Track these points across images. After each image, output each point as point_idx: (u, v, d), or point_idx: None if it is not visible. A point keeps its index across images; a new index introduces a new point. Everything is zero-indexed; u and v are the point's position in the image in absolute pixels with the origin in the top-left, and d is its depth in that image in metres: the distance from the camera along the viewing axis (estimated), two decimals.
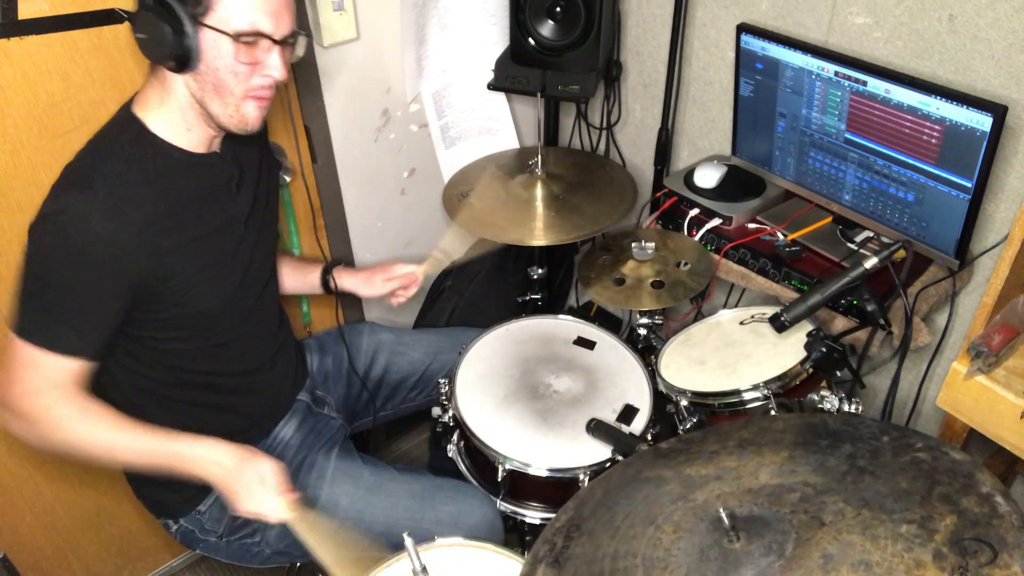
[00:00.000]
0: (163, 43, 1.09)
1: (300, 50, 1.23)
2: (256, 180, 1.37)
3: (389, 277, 1.61)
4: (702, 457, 0.99)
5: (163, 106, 1.19)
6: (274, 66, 1.16)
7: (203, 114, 1.20)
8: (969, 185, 1.32)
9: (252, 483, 1.23)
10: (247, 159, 1.35)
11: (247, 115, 1.20)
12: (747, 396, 1.37)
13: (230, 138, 1.29)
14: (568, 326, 1.66)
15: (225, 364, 1.37)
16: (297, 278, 1.63)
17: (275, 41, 1.15)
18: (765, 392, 1.36)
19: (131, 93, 1.23)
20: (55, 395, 1.17)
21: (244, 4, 1.10)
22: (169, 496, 1.40)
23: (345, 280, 1.62)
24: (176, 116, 1.20)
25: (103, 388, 1.25)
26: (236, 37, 1.11)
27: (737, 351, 1.51)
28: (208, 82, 1.15)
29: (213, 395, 1.39)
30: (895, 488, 0.83)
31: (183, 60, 1.11)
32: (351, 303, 2.06)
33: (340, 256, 1.98)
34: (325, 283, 1.62)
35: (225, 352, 1.36)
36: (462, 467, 1.50)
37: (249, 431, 1.45)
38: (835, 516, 0.82)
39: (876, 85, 1.39)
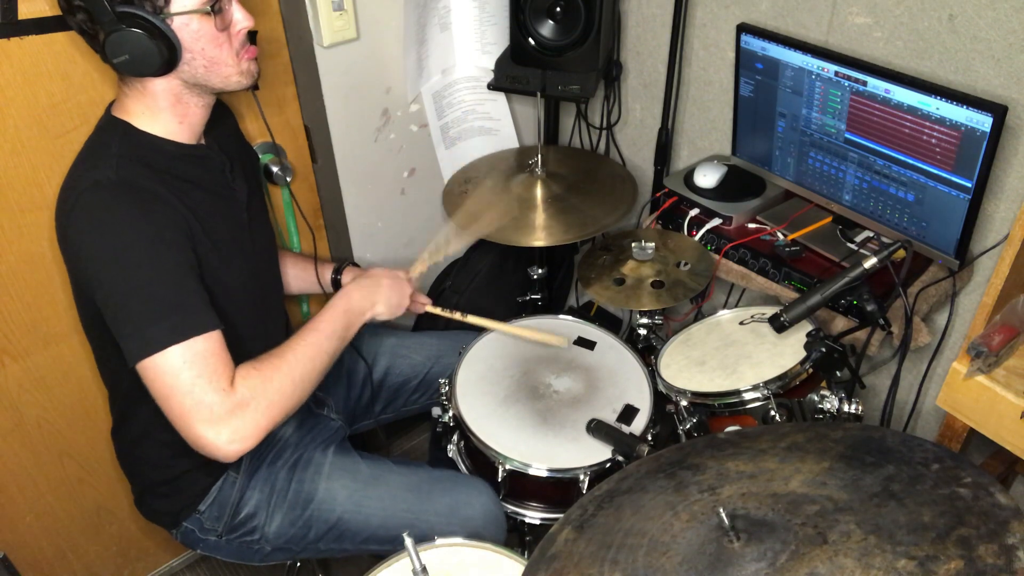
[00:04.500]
0: (147, 54, 1.08)
1: None
2: (243, 168, 1.38)
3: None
4: (749, 453, 0.98)
5: (148, 110, 1.19)
6: (241, 18, 1.17)
7: (200, 95, 1.20)
8: (969, 185, 1.32)
9: (386, 299, 1.43)
10: (229, 148, 1.36)
11: (250, 70, 1.22)
12: (747, 396, 1.37)
13: (209, 131, 1.29)
14: (568, 326, 1.66)
15: (243, 361, 1.38)
16: (303, 278, 1.63)
17: None
18: (765, 392, 1.36)
19: None
20: (225, 377, 1.14)
21: None
22: (168, 504, 1.40)
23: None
24: (165, 115, 1.19)
25: (115, 375, 1.24)
26: (211, 8, 1.10)
27: (737, 351, 1.51)
28: (199, 65, 1.14)
29: None
30: (914, 520, 0.79)
31: (171, 60, 1.11)
32: None
33: (340, 256, 1.98)
34: (336, 283, 1.62)
35: (244, 349, 1.36)
36: (462, 467, 1.50)
37: None
38: (840, 536, 0.80)
39: (876, 85, 1.39)
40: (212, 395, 1.11)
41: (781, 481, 0.91)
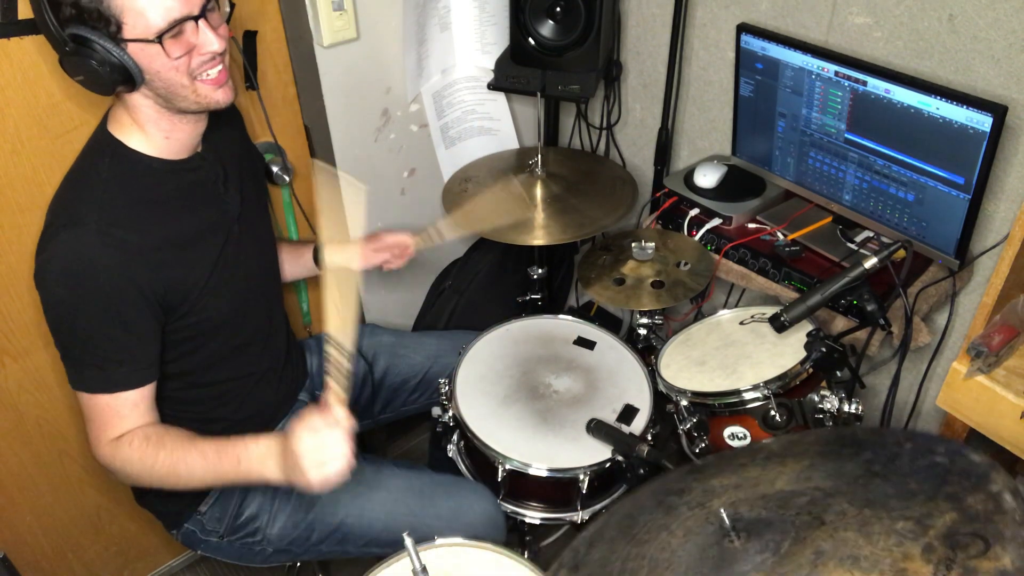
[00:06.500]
0: (100, 76, 1.07)
1: (226, 5, 1.19)
2: (240, 177, 1.37)
3: (379, 247, 1.59)
4: (730, 469, 1.00)
5: (135, 124, 1.18)
6: (207, 41, 1.12)
7: (176, 113, 1.18)
8: (969, 185, 1.32)
9: (308, 463, 1.12)
10: (228, 157, 1.35)
11: (208, 95, 1.17)
12: (747, 396, 1.37)
13: (209, 138, 1.28)
14: (568, 326, 1.66)
15: (242, 367, 1.38)
16: (294, 263, 1.63)
17: (196, 17, 1.10)
18: (765, 392, 1.36)
19: None
20: (141, 427, 1.20)
21: (148, 3, 1.05)
22: (169, 505, 1.40)
23: (335, 255, 1.60)
24: (151, 129, 1.19)
25: None
26: (159, 39, 1.07)
27: (737, 351, 1.51)
28: (160, 87, 1.13)
29: (223, 405, 1.39)
30: (903, 489, 0.82)
31: (128, 81, 1.10)
32: None
33: None
34: (317, 260, 1.62)
35: (243, 354, 1.36)
36: (462, 467, 1.50)
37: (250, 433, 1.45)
38: (836, 516, 0.82)
39: (876, 85, 1.39)
40: (113, 445, 1.20)
41: (767, 484, 0.92)
